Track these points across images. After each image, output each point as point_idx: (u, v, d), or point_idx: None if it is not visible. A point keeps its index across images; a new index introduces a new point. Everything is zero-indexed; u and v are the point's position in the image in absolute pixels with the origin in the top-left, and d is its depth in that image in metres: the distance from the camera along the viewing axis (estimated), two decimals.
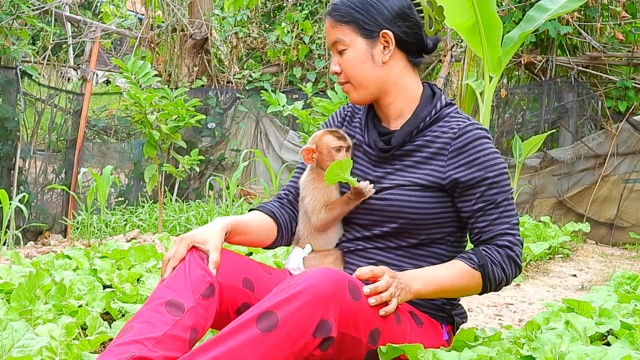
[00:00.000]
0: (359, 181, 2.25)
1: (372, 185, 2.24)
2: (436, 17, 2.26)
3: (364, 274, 2.02)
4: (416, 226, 2.21)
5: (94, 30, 9.50)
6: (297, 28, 10.22)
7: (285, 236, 2.40)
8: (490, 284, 2.16)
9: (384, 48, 2.23)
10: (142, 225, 7.37)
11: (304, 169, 2.43)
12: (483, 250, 2.17)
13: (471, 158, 2.17)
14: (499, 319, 3.98)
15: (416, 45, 2.27)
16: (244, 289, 2.15)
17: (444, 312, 2.30)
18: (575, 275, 5.54)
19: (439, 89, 2.32)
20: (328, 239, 2.33)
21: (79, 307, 2.94)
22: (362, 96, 2.28)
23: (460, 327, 2.46)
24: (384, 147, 2.26)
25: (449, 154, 2.19)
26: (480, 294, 2.22)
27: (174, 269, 2.06)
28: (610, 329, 2.99)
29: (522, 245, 2.21)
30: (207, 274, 2.03)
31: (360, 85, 2.25)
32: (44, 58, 9.58)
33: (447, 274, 2.14)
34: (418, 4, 2.26)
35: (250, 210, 2.40)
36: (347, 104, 2.50)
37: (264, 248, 2.38)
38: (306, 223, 2.35)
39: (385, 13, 2.21)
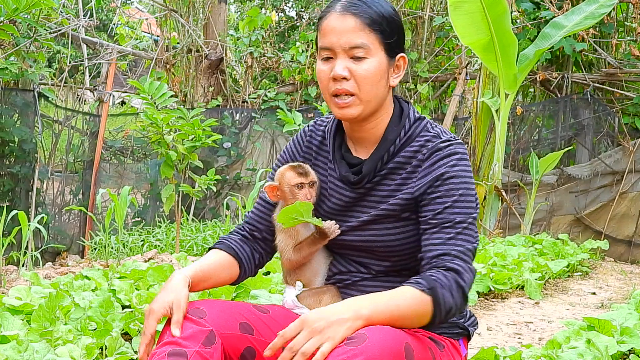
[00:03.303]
0: (324, 220, 2.12)
1: (337, 225, 2.11)
2: None
3: (275, 345, 1.83)
4: (404, 255, 2.09)
5: (110, 52, 9.59)
6: (312, 47, 10.26)
7: (249, 271, 2.29)
8: (441, 309, 1.89)
9: (397, 69, 2.08)
10: (159, 245, 7.39)
11: (263, 201, 2.29)
12: (430, 274, 1.92)
13: (437, 174, 2.01)
14: (519, 338, 3.95)
15: None
16: (242, 334, 2.04)
17: (458, 327, 2.18)
18: (594, 293, 5.49)
19: (406, 102, 2.17)
20: (313, 272, 2.22)
21: (98, 328, 2.95)
22: (359, 113, 2.06)
23: (474, 334, 2.34)
24: (356, 179, 2.10)
25: (419, 174, 2.04)
26: (428, 325, 1.94)
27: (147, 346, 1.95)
28: (632, 348, 2.96)
29: (474, 275, 1.98)
30: (199, 326, 1.94)
31: (367, 102, 2.04)
32: (60, 80, 9.68)
33: (396, 298, 1.87)
34: None
35: (210, 249, 2.27)
36: (308, 127, 2.31)
37: (230, 285, 2.29)
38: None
39: (403, 35, 2.07)
